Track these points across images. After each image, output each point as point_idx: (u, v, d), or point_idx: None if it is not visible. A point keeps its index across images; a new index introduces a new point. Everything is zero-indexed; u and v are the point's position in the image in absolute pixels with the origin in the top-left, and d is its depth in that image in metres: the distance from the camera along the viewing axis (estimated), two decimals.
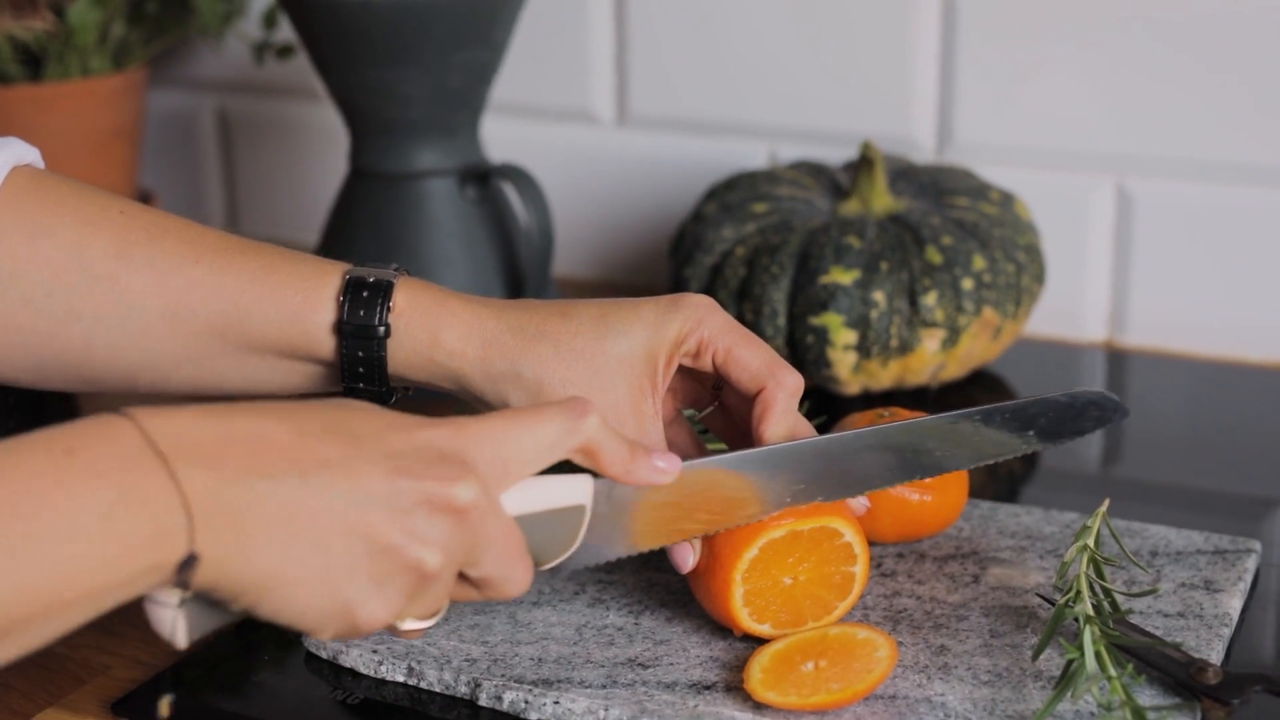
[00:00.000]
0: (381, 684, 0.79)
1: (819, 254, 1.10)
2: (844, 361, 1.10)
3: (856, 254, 1.10)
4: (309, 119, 1.52)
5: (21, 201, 0.79)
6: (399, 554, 0.64)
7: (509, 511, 0.69)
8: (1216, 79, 1.20)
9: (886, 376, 1.11)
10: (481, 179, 1.18)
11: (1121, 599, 0.81)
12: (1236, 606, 0.83)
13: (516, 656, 0.79)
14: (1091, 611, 0.75)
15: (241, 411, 0.63)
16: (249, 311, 0.79)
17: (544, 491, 0.71)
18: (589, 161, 1.41)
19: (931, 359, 1.10)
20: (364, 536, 0.63)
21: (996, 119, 1.27)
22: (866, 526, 0.84)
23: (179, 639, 0.63)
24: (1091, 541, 0.78)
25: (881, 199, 1.15)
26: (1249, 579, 0.86)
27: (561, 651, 0.79)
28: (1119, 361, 1.24)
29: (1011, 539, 0.89)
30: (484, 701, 0.77)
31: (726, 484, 0.76)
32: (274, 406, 0.64)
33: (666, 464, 0.73)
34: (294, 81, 1.51)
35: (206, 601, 0.63)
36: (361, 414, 0.66)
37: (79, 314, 0.78)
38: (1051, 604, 0.81)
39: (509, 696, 0.76)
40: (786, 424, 0.79)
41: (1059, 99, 1.24)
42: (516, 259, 1.19)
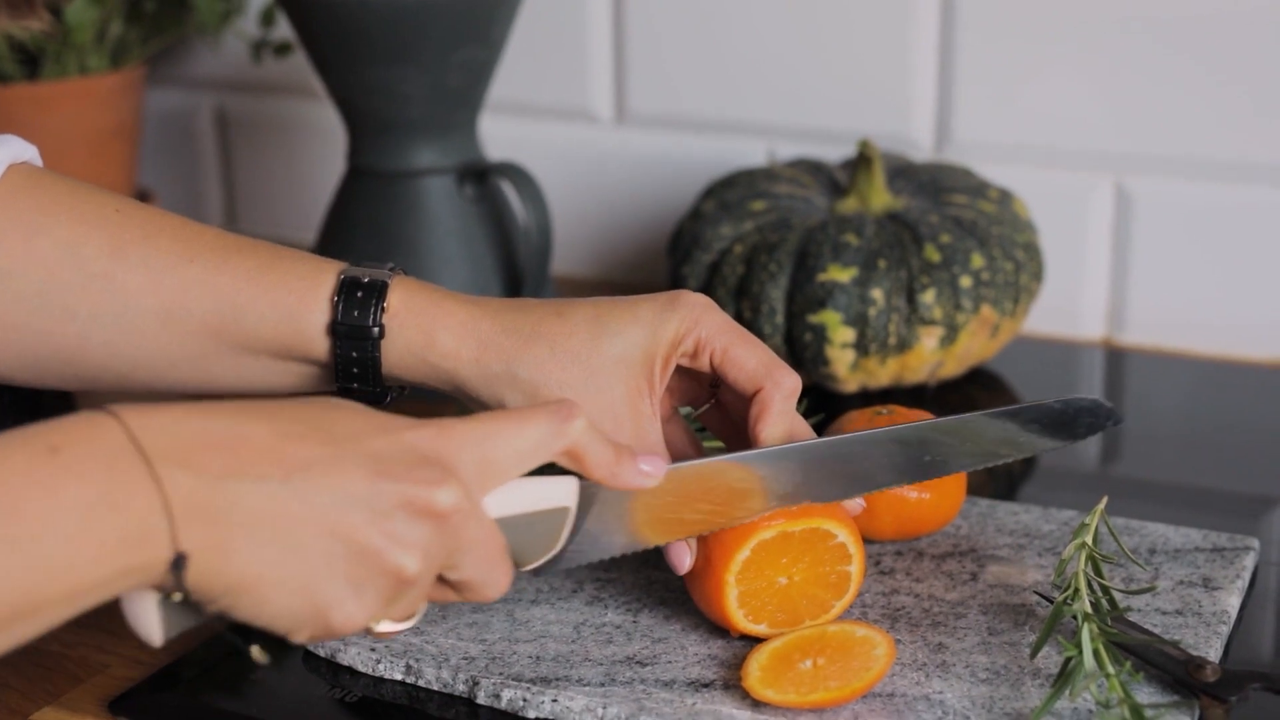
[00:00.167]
0: (379, 682, 0.79)
1: (817, 252, 1.10)
2: (842, 359, 1.10)
3: (855, 252, 1.10)
4: (307, 117, 1.52)
5: (17, 199, 0.78)
6: (378, 557, 0.63)
7: (491, 513, 0.68)
8: (1215, 78, 1.20)
9: (885, 374, 1.11)
10: (480, 177, 1.18)
11: (1120, 597, 0.81)
12: (1235, 604, 0.83)
13: (514, 654, 0.79)
14: (1090, 609, 0.75)
15: (224, 411, 0.63)
16: (244, 311, 0.78)
17: (527, 494, 0.70)
18: (587, 160, 1.41)
19: (930, 357, 1.10)
20: (343, 539, 0.63)
21: (995, 117, 1.27)
22: (864, 524, 0.84)
23: (156, 636, 0.63)
24: (1090, 539, 0.78)
25: (880, 197, 1.15)
26: (1247, 577, 0.86)
27: (559, 649, 0.79)
28: (1117, 360, 1.24)
29: (1010, 537, 0.89)
30: (482, 699, 0.77)
31: (728, 475, 0.76)
32: (257, 406, 0.64)
33: (652, 467, 0.72)
34: (292, 80, 1.50)
35: (184, 600, 0.63)
36: (345, 414, 0.66)
37: (74, 312, 0.78)
38: (1050, 602, 0.81)
39: (507, 694, 0.76)
40: (784, 424, 0.79)
41: (1058, 97, 1.24)
42: (515, 257, 1.19)
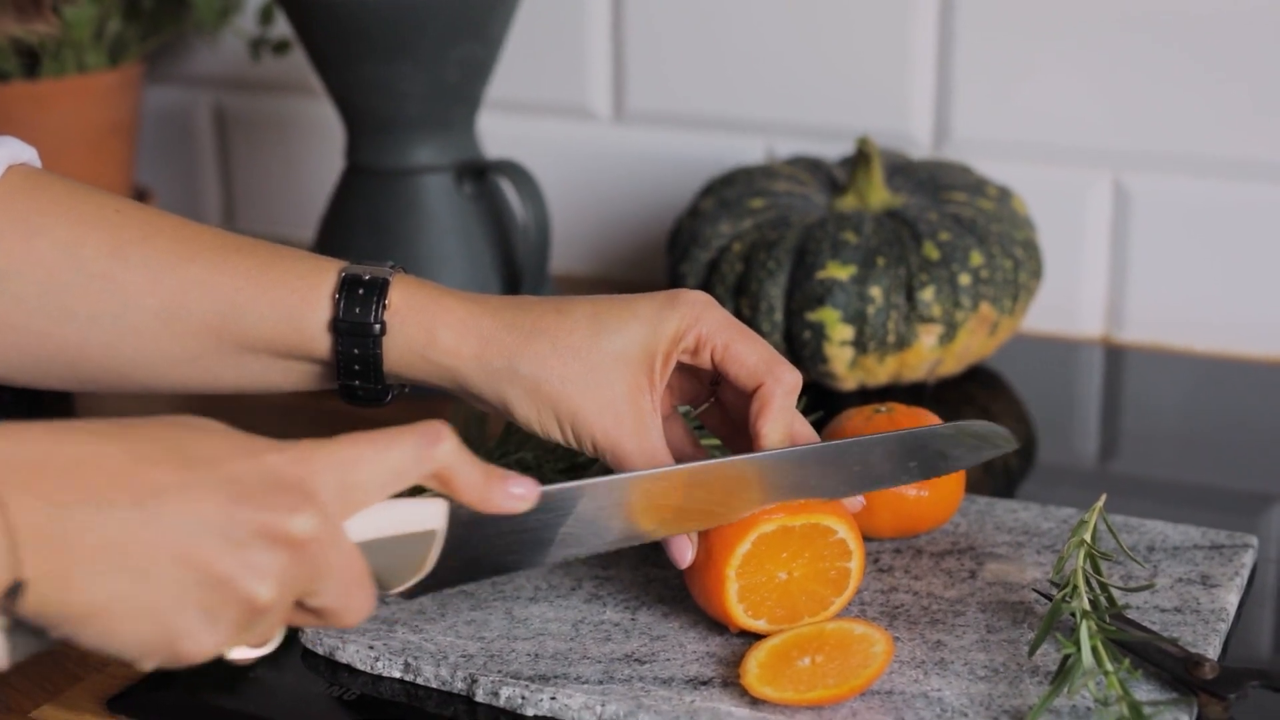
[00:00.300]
0: (378, 680, 0.79)
1: (816, 249, 1.10)
2: (841, 357, 1.10)
3: (853, 249, 1.10)
4: (305, 115, 1.52)
5: (16, 200, 0.78)
6: (231, 586, 0.61)
7: (355, 536, 0.66)
8: (1214, 75, 1.20)
9: (883, 372, 1.11)
10: (478, 175, 1.18)
11: (1118, 594, 0.81)
12: (1233, 601, 0.83)
13: (513, 652, 0.79)
14: (1088, 606, 0.75)
15: (73, 431, 0.61)
16: (244, 310, 0.78)
17: (393, 517, 0.68)
18: (586, 157, 1.41)
19: (929, 355, 1.10)
20: (196, 567, 0.60)
21: (994, 115, 1.27)
22: (863, 522, 0.84)
23: (2, 660, 0.61)
24: (1088, 537, 0.78)
25: (879, 194, 1.15)
26: (1246, 574, 0.86)
27: (558, 647, 0.79)
28: (1116, 357, 1.24)
29: (1008, 534, 0.89)
30: (480, 697, 0.77)
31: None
32: (109, 426, 0.62)
33: (524, 490, 0.70)
34: (290, 77, 1.50)
35: (25, 626, 0.60)
36: (203, 436, 0.63)
37: (74, 313, 0.78)
38: (1048, 599, 0.81)
39: (505, 692, 0.76)
40: (784, 421, 0.79)
41: (1056, 95, 1.24)
42: (513, 255, 1.19)
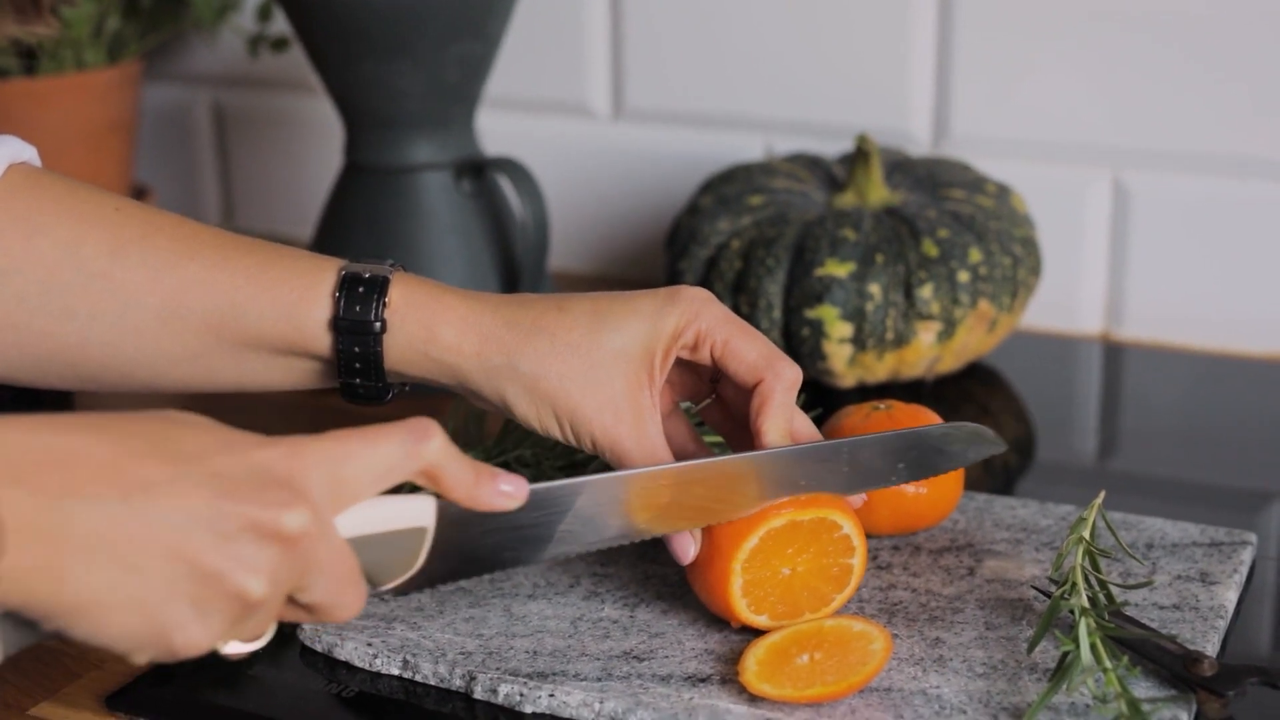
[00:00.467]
0: (376, 677, 0.79)
1: (814, 246, 1.10)
2: (839, 354, 1.10)
3: (852, 246, 1.10)
4: (304, 112, 1.52)
5: (17, 199, 0.78)
6: (222, 581, 0.61)
7: (344, 533, 0.66)
8: (1213, 73, 1.20)
9: (882, 369, 1.11)
10: (477, 172, 1.18)
11: (1117, 591, 0.81)
12: (1232, 599, 0.83)
13: (511, 649, 0.79)
14: (1087, 604, 0.75)
15: (62, 425, 0.61)
16: (244, 308, 0.78)
17: (382, 513, 0.68)
18: (585, 155, 1.41)
19: (927, 352, 1.10)
20: (186, 561, 0.60)
21: (993, 112, 1.27)
22: (862, 519, 0.84)
23: None
24: (1087, 534, 0.78)
25: (877, 192, 1.15)
26: (1244, 571, 0.86)
27: (557, 644, 0.79)
28: (1115, 354, 1.24)
29: (1007, 531, 0.90)
30: (479, 694, 0.77)
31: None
32: (98, 420, 0.62)
33: (513, 487, 0.70)
34: (289, 75, 1.50)
35: (17, 619, 0.60)
36: (191, 431, 0.63)
37: (74, 312, 0.78)
38: (1047, 596, 0.81)
39: (504, 689, 0.76)
40: (784, 416, 0.79)
41: (1055, 92, 1.24)
42: (512, 252, 1.19)
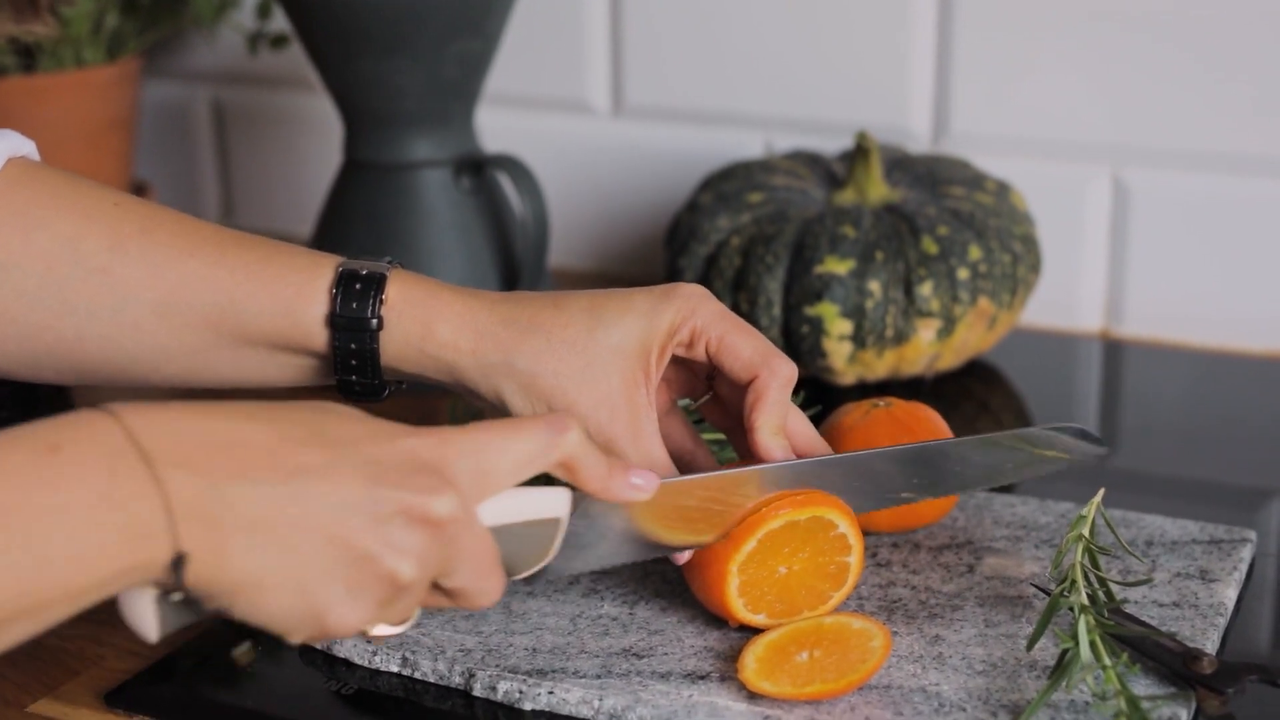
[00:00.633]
0: (376, 674, 0.79)
1: (814, 244, 1.10)
2: (839, 351, 1.10)
3: (852, 244, 1.10)
4: (303, 110, 1.52)
5: (16, 194, 0.78)
6: (374, 563, 0.63)
7: (485, 522, 0.69)
8: (1213, 70, 1.19)
9: (882, 366, 1.11)
10: (476, 169, 1.17)
11: (1116, 589, 0.81)
12: (1232, 596, 0.83)
13: (511, 647, 0.79)
14: (1086, 601, 0.75)
15: (224, 412, 0.63)
16: (242, 305, 0.79)
17: (521, 503, 0.71)
18: (584, 152, 1.41)
19: (927, 349, 1.10)
20: (340, 543, 0.63)
21: (992, 109, 1.26)
22: (862, 517, 0.84)
23: (152, 632, 0.63)
24: (1087, 531, 0.78)
25: (877, 189, 1.15)
26: (1244, 568, 0.86)
27: (556, 642, 0.79)
28: (1115, 352, 1.24)
29: (1006, 529, 0.89)
30: (478, 692, 0.77)
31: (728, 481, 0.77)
32: (257, 408, 0.64)
33: (644, 480, 0.72)
34: (288, 72, 1.50)
35: (181, 598, 0.63)
36: (344, 420, 0.66)
37: (72, 307, 0.78)
38: (1046, 594, 0.81)
39: (503, 687, 0.76)
40: (779, 413, 0.79)
41: (1055, 89, 1.24)
42: (511, 249, 1.19)
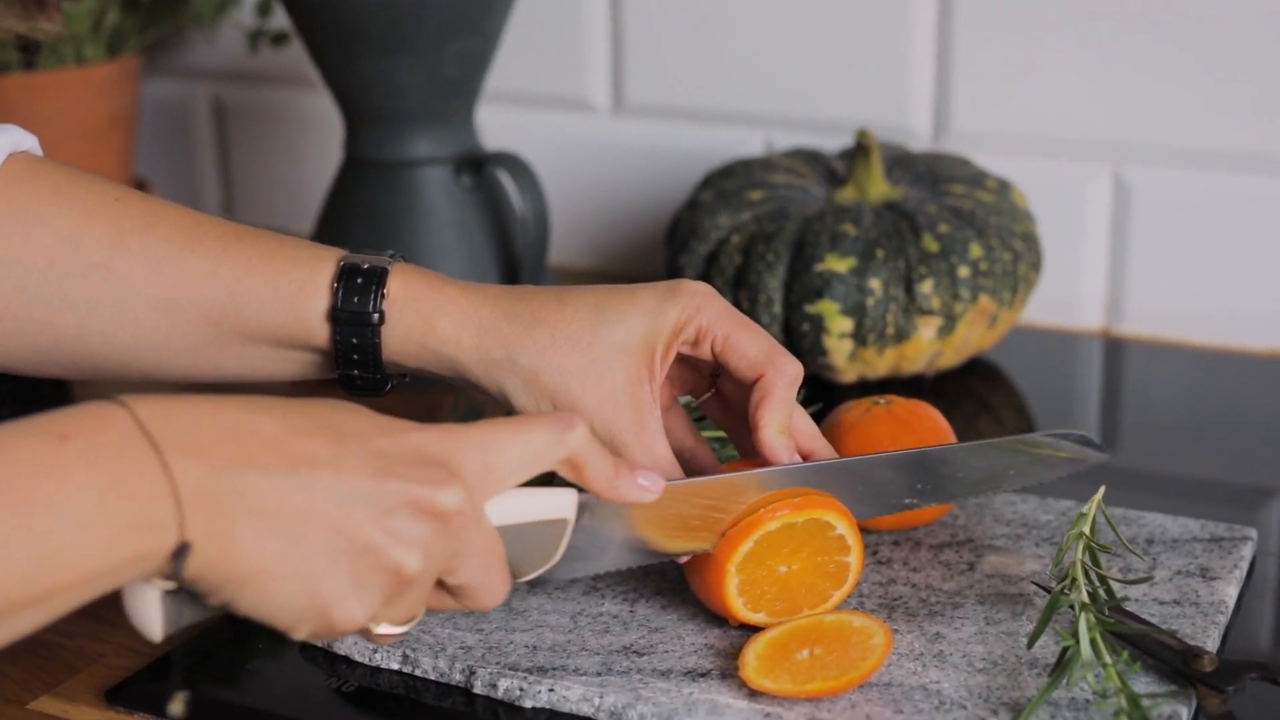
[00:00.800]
0: (376, 671, 0.79)
1: (815, 241, 1.10)
2: (840, 349, 1.10)
3: (852, 241, 1.10)
4: (304, 107, 1.52)
5: (17, 189, 0.78)
6: (380, 554, 0.63)
7: (491, 521, 0.69)
8: (1213, 68, 1.19)
9: (883, 364, 1.11)
10: (477, 167, 1.17)
11: (1117, 586, 0.81)
12: (1232, 594, 0.83)
13: (511, 644, 0.79)
14: (1087, 599, 0.75)
15: (233, 403, 0.63)
16: (244, 299, 0.78)
17: (527, 503, 0.71)
18: (585, 150, 1.41)
19: (928, 347, 1.10)
20: (346, 534, 0.63)
21: (993, 107, 1.26)
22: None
23: (156, 631, 0.63)
24: (1087, 529, 0.78)
25: (878, 186, 1.15)
26: (1245, 566, 0.86)
27: (556, 639, 0.79)
28: (1116, 350, 1.24)
29: (1007, 527, 0.89)
30: (479, 689, 0.77)
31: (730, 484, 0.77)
32: (265, 401, 0.64)
33: (649, 482, 0.72)
34: (289, 70, 1.50)
35: (186, 594, 0.63)
36: (351, 414, 0.66)
37: (74, 302, 0.78)
38: (1047, 591, 0.80)
39: (504, 684, 0.76)
40: (784, 412, 0.79)
41: (1056, 87, 1.24)
42: (512, 247, 1.19)
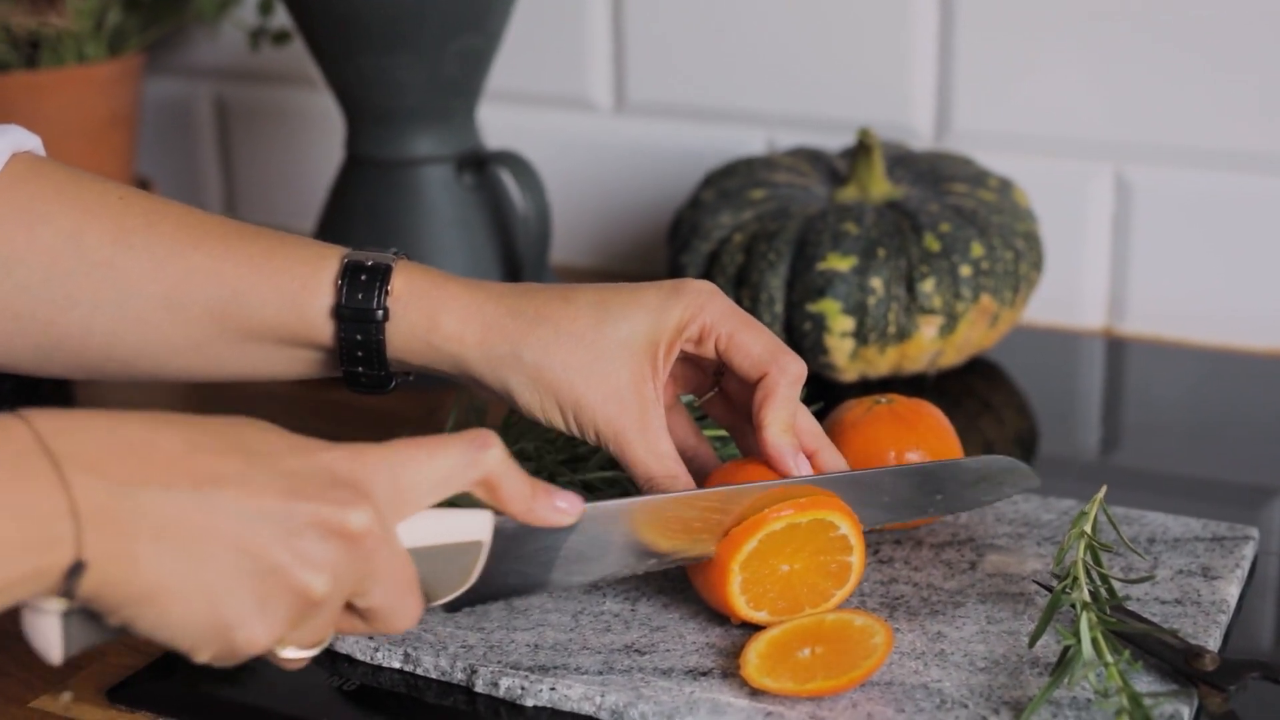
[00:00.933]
0: (378, 670, 0.79)
1: (816, 240, 1.10)
2: (841, 348, 1.10)
3: (854, 240, 1.10)
4: (306, 106, 1.52)
5: (20, 188, 0.78)
6: (285, 575, 0.62)
7: (404, 543, 0.67)
8: (1216, 67, 1.19)
9: (884, 363, 1.11)
10: (478, 166, 1.17)
11: (1119, 585, 0.81)
12: (1234, 593, 0.83)
13: (513, 643, 0.79)
14: (1089, 598, 0.75)
15: (136, 419, 0.62)
16: (247, 297, 0.78)
17: (441, 525, 0.69)
18: (586, 148, 1.41)
19: (929, 346, 1.10)
20: (251, 554, 0.61)
21: (995, 106, 1.26)
22: None
23: (54, 653, 0.61)
24: (1089, 528, 0.78)
25: (879, 185, 1.15)
26: (1246, 566, 0.86)
27: (558, 638, 0.79)
28: (1117, 349, 1.24)
29: (1009, 526, 0.89)
30: (480, 688, 0.77)
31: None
32: (170, 417, 0.63)
33: (567, 504, 0.71)
34: (290, 68, 1.50)
35: (85, 615, 0.61)
36: (260, 433, 0.64)
37: (77, 300, 0.78)
38: (1049, 591, 0.81)
39: (505, 683, 0.76)
40: (788, 410, 0.79)
41: (1057, 86, 1.24)
42: (514, 246, 1.19)
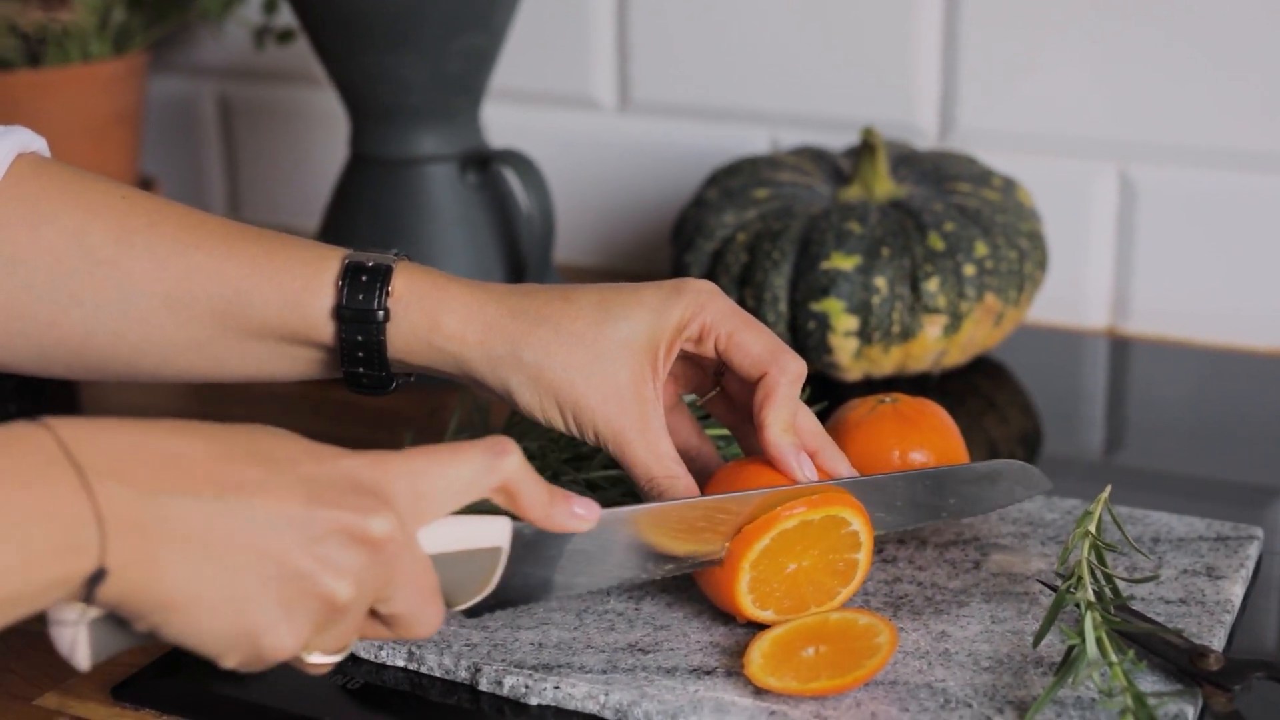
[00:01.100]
0: (382, 669, 0.79)
1: (820, 240, 1.10)
2: (845, 348, 1.10)
3: (858, 240, 1.09)
4: (309, 104, 1.52)
5: (24, 188, 0.78)
6: (309, 582, 0.62)
7: (424, 549, 0.67)
8: (1220, 66, 1.19)
9: (888, 363, 1.11)
10: (482, 164, 1.17)
11: (1123, 585, 0.81)
12: (1238, 593, 0.82)
13: (517, 641, 0.79)
14: (1093, 598, 0.75)
15: (160, 427, 0.62)
16: (249, 297, 0.79)
17: (460, 531, 0.70)
18: (590, 147, 1.41)
19: (933, 345, 1.10)
20: (275, 561, 0.61)
21: (999, 105, 1.26)
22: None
23: (79, 659, 0.62)
24: (1093, 528, 0.78)
25: (883, 185, 1.15)
26: (1251, 565, 0.86)
27: (562, 637, 0.79)
28: (1121, 349, 1.24)
29: (1013, 525, 0.89)
30: (484, 686, 0.77)
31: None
32: (193, 425, 0.63)
33: (585, 510, 0.71)
34: (294, 67, 1.50)
35: (111, 621, 0.61)
36: (281, 440, 0.65)
37: (80, 300, 0.78)
38: (1053, 590, 0.81)
39: (509, 681, 0.76)
40: (789, 409, 0.79)
41: (1061, 85, 1.24)
42: (517, 245, 1.19)
